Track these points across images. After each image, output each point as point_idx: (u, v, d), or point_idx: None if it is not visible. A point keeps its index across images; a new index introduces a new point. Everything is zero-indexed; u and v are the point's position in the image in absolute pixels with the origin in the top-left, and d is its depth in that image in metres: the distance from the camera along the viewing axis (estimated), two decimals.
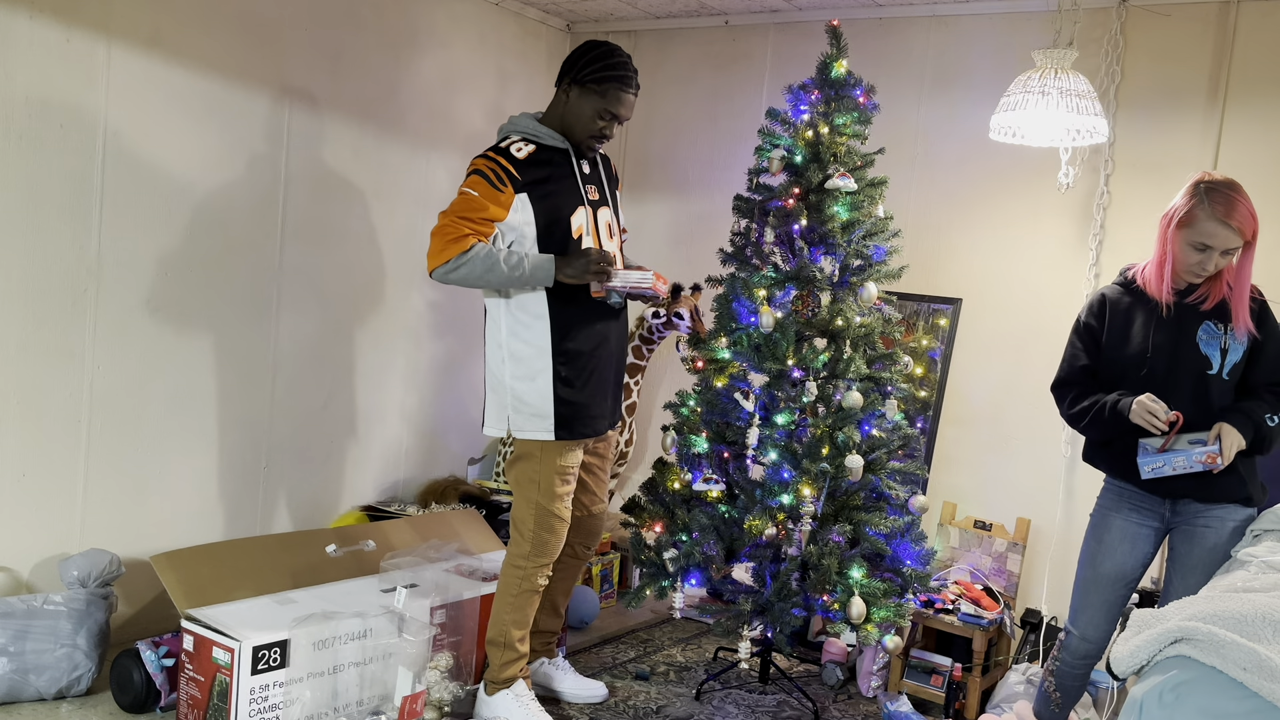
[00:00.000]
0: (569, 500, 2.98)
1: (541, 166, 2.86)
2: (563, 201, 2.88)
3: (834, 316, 3.21)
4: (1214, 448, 2.53)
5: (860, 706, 3.43)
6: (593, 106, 2.87)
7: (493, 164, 2.81)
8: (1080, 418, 2.75)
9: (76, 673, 2.94)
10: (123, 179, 3.19)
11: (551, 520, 2.94)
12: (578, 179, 2.93)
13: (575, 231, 2.88)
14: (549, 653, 3.29)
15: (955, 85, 3.96)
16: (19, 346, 3.03)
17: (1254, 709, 1.80)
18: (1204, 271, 2.62)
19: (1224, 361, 2.63)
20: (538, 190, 2.84)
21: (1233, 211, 2.54)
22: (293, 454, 3.80)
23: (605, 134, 2.93)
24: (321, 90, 3.73)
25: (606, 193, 3.04)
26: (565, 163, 2.92)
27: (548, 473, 2.91)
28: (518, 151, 2.84)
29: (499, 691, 3.01)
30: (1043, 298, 3.78)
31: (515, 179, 2.81)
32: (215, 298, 3.48)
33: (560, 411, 2.88)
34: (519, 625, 3.00)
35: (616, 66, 2.87)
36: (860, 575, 3.06)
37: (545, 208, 2.85)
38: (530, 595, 2.99)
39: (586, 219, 2.92)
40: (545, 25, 4.68)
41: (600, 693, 3.26)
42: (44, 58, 2.99)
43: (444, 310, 4.33)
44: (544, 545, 2.96)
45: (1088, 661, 2.86)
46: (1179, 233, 2.61)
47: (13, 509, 3.06)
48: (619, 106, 2.88)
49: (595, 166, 3.03)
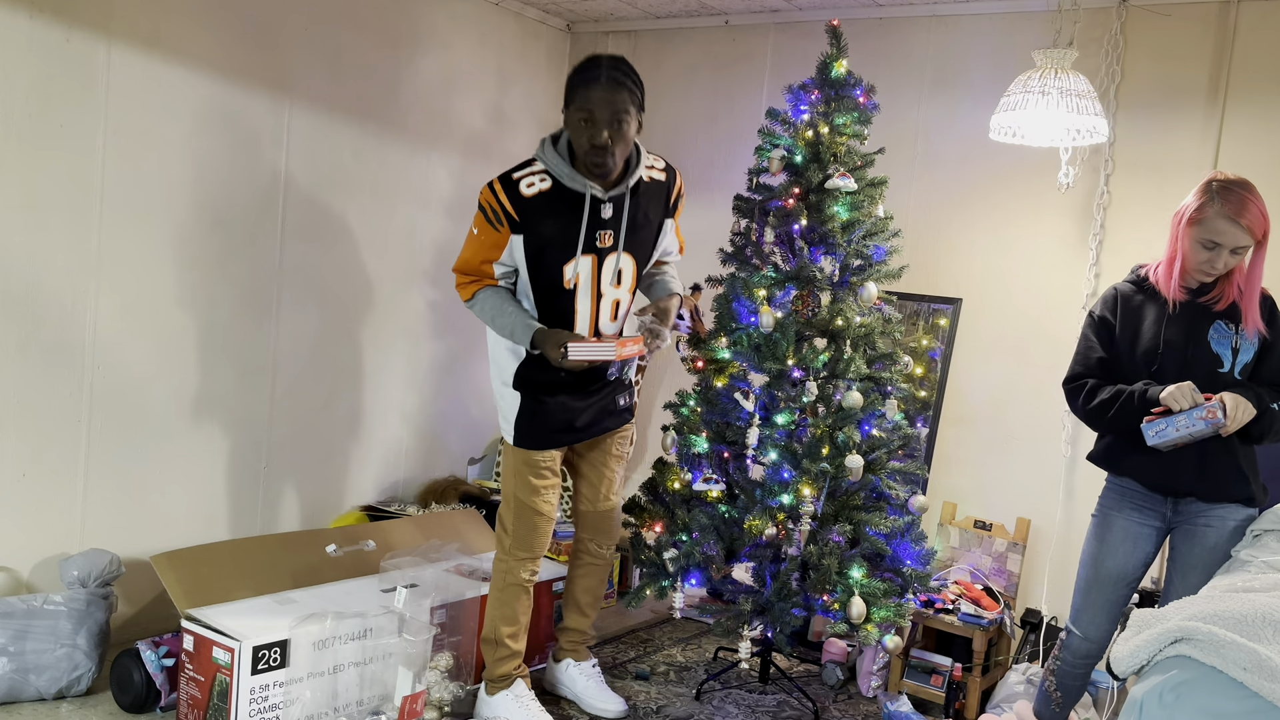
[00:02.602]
0: (549, 496, 2.99)
1: (547, 208, 2.79)
2: (556, 252, 2.81)
3: (834, 316, 3.21)
4: (1214, 403, 2.49)
5: (860, 706, 3.43)
6: (574, 119, 2.75)
7: (495, 202, 2.79)
8: (1104, 409, 2.69)
9: (76, 673, 2.94)
10: (123, 179, 3.19)
11: (528, 514, 2.97)
12: (587, 225, 2.81)
13: (567, 281, 2.84)
14: (577, 654, 3.26)
15: (955, 85, 3.96)
16: (19, 346, 3.03)
17: (1254, 709, 1.80)
18: (1213, 270, 2.61)
19: (1235, 360, 2.63)
20: (533, 234, 2.80)
21: (1243, 210, 2.53)
22: (293, 454, 3.80)
23: (596, 142, 2.72)
24: (321, 90, 3.73)
25: (636, 236, 2.90)
26: (578, 207, 2.81)
27: (521, 467, 2.97)
28: (528, 188, 2.79)
29: (499, 691, 3.02)
30: (1043, 298, 3.78)
31: (512, 220, 2.79)
32: (215, 298, 3.48)
33: (520, 422, 2.95)
34: (506, 621, 3.01)
35: (582, 70, 2.76)
36: (860, 575, 3.06)
37: (536, 254, 2.82)
38: (515, 590, 3.01)
39: (586, 268, 2.84)
40: (545, 25, 4.68)
41: (615, 708, 3.17)
42: (44, 58, 2.99)
43: (444, 310, 4.33)
44: (523, 539, 2.99)
45: (1089, 661, 2.86)
46: (1189, 230, 2.60)
47: (13, 509, 3.06)
48: (588, 104, 2.71)
49: (621, 209, 2.86)
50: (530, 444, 2.95)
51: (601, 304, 2.90)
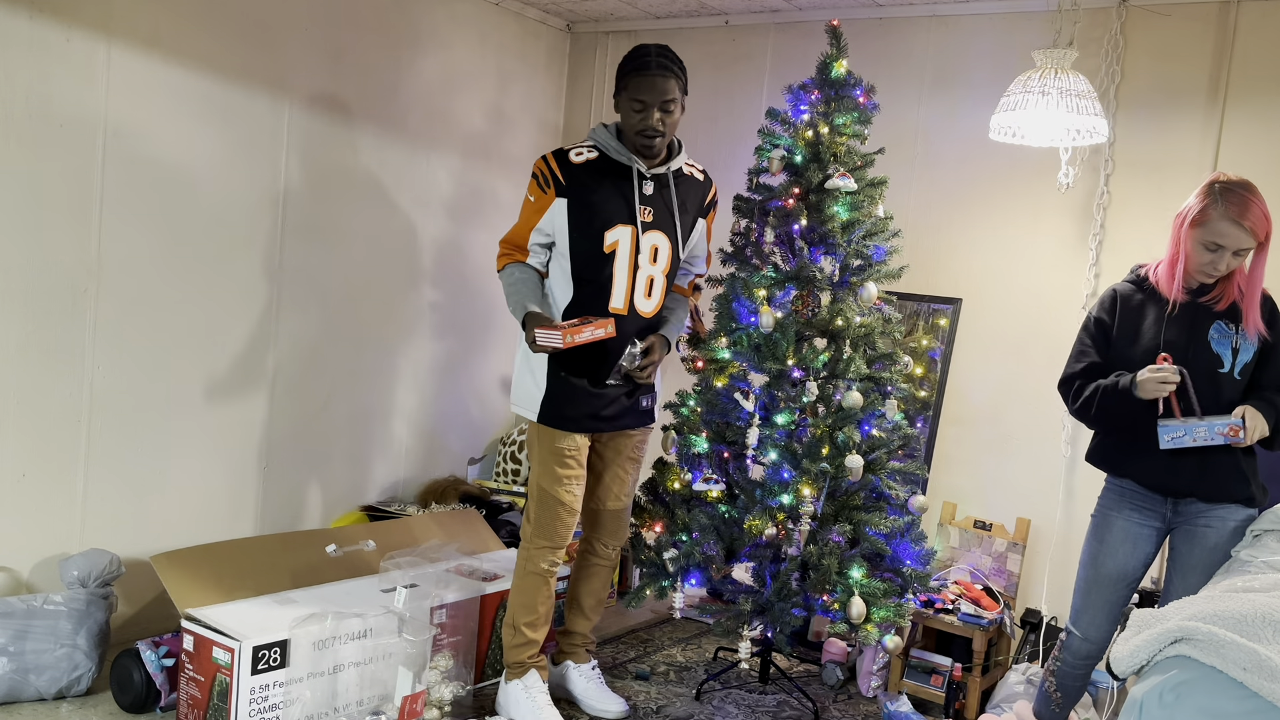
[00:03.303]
0: (573, 487, 3.00)
1: (595, 175, 2.92)
2: (602, 213, 2.90)
3: (834, 316, 3.21)
4: (1237, 420, 2.54)
5: (860, 706, 3.43)
6: (626, 104, 2.90)
7: (546, 166, 2.93)
8: (1087, 407, 2.74)
9: (76, 673, 2.94)
10: (123, 179, 3.19)
11: (550, 502, 2.99)
12: (632, 197, 2.94)
13: (609, 246, 2.91)
14: (577, 656, 3.27)
15: (955, 85, 3.96)
16: (19, 346, 3.03)
17: (1254, 709, 1.80)
18: (1215, 271, 2.61)
19: (1235, 360, 2.63)
20: (579, 197, 2.90)
21: (1246, 212, 2.53)
22: (293, 454, 3.80)
23: (649, 125, 2.87)
24: (321, 90, 3.73)
25: (673, 219, 3.01)
26: (625, 179, 2.93)
27: (544, 453, 2.99)
28: (576, 156, 2.93)
29: (513, 679, 3.05)
30: (1043, 298, 3.78)
31: (559, 182, 2.90)
32: (215, 298, 3.48)
33: (546, 401, 2.97)
34: (525, 609, 3.04)
35: (633, 58, 2.90)
36: (860, 575, 3.06)
37: (581, 216, 2.90)
38: (534, 579, 3.03)
39: (627, 238, 2.92)
40: (545, 25, 4.68)
41: (616, 710, 3.19)
42: (44, 58, 2.99)
43: (444, 310, 4.33)
44: (545, 528, 3.00)
45: (1089, 661, 2.86)
46: (1191, 232, 2.60)
47: (13, 509, 3.06)
48: (640, 91, 2.86)
49: (667, 190, 3.00)
50: (555, 422, 2.96)
51: (639, 275, 2.96)
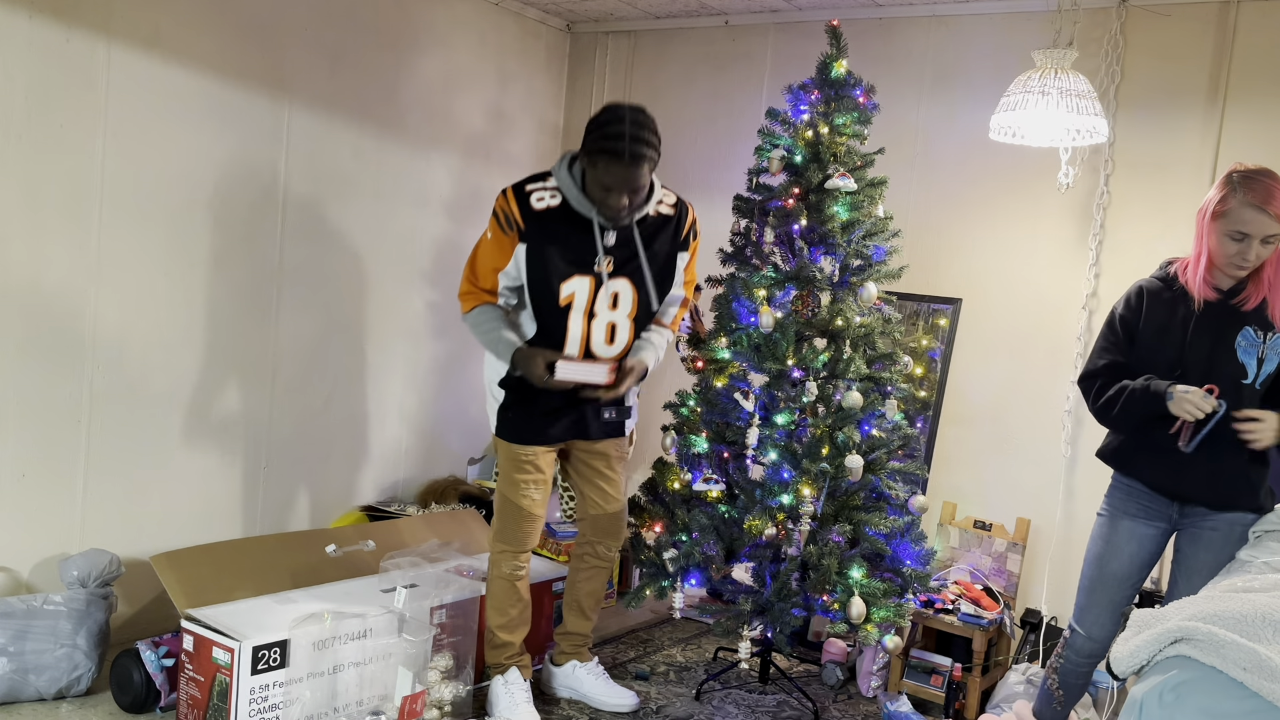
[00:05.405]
0: (529, 492, 3.02)
1: (553, 225, 2.84)
2: (560, 266, 2.85)
3: (834, 316, 3.21)
4: None
5: (860, 706, 3.43)
6: (593, 178, 2.77)
7: (507, 206, 2.85)
8: (1109, 407, 2.68)
9: (76, 673, 2.94)
10: (123, 179, 3.19)
11: (510, 508, 3.03)
12: (594, 247, 2.86)
13: (564, 300, 2.87)
14: (580, 656, 3.28)
15: (955, 85, 3.96)
16: (19, 346, 3.03)
17: (1254, 709, 1.80)
18: (1245, 263, 2.54)
19: (1259, 371, 2.58)
20: (536, 247, 2.84)
21: (1270, 197, 2.47)
22: (293, 454, 3.80)
23: (614, 209, 2.77)
24: (321, 90, 3.73)
25: (640, 267, 2.92)
26: (587, 230, 2.86)
27: (504, 461, 3.05)
28: (538, 201, 2.84)
29: (496, 676, 3.10)
30: (1043, 298, 3.78)
31: (519, 228, 2.84)
32: (215, 298, 3.48)
33: (503, 415, 3.02)
34: (497, 613, 3.09)
35: (608, 136, 2.70)
36: (860, 575, 3.06)
37: (536, 267, 2.86)
38: (501, 584, 3.07)
39: (585, 289, 2.87)
40: (545, 25, 4.68)
41: (630, 701, 3.22)
42: (44, 58, 2.99)
43: (444, 310, 4.33)
44: (506, 533, 3.05)
45: (1092, 660, 2.86)
46: (1215, 224, 2.54)
47: (13, 509, 3.06)
48: (609, 177, 2.72)
49: (632, 239, 2.90)
50: (511, 436, 3.01)
51: (594, 324, 2.93)
